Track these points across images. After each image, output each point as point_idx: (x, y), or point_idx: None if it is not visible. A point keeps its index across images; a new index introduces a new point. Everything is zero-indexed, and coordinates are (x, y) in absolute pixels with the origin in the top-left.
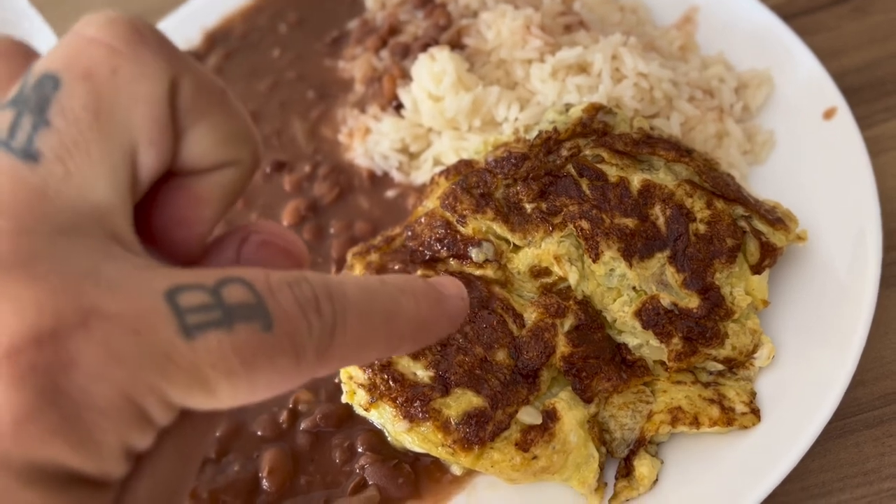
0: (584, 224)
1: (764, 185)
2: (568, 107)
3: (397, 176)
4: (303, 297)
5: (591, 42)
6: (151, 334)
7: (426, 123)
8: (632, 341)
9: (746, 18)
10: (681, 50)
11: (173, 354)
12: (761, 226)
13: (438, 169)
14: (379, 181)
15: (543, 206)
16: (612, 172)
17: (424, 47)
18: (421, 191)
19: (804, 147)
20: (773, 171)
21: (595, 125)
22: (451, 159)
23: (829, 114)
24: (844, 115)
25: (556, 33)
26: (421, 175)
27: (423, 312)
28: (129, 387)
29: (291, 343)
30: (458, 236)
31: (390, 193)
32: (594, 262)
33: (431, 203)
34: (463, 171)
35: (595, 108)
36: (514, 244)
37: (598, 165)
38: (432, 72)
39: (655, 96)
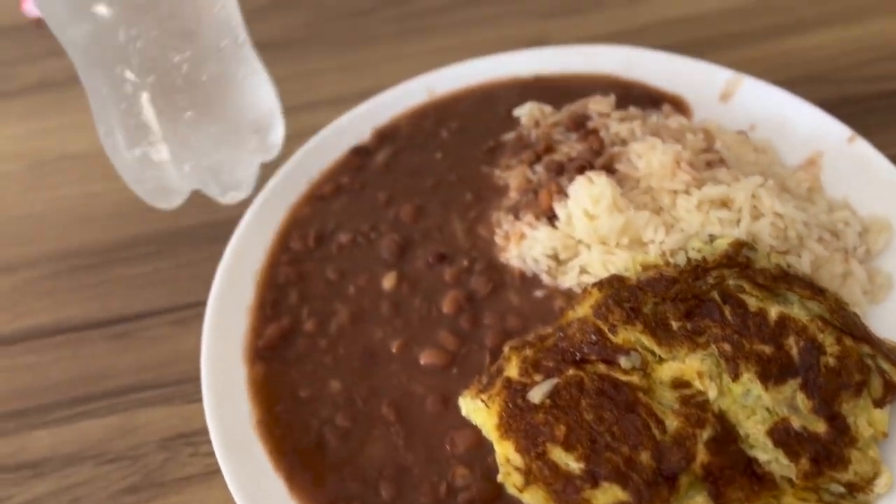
0: (726, 346)
1: (881, 323)
2: (712, 238)
3: (545, 278)
4: None
5: (731, 179)
6: None
7: (577, 236)
8: (762, 456)
9: (867, 164)
10: (808, 191)
11: None
12: (885, 365)
13: (584, 277)
14: (529, 281)
15: (688, 325)
16: (753, 303)
17: (581, 169)
18: (566, 294)
19: None
20: (891, 311)
21: (739, 259)
22: (596, 270)
23: None
24: None
25: (700, 168)
26: (567, 280)
27: None
28: None
29: None
30: (609, 344)
31: (538, 293)
32: (733, 381)
33: (583, 310)
34: (616, 286)
35: (739, 244)
36: (660, 356)
37: (740, 295)
38: (591, 193)
39: (789, 235)
